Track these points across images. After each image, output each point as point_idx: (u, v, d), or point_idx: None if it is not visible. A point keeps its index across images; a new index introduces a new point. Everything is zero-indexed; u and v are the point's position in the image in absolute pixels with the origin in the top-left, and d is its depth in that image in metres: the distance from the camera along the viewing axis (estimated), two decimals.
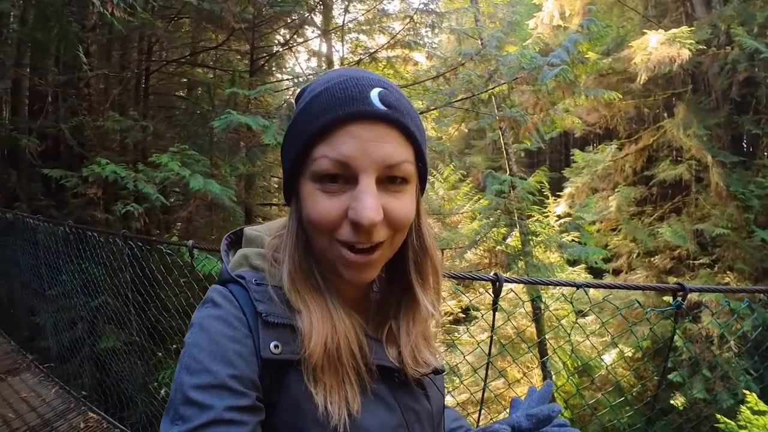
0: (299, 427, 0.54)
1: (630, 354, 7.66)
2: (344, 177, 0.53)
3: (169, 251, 3.16)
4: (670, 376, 6.63)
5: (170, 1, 7.23)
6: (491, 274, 1.96)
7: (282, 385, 0.55)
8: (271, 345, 0.54)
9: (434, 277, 0.67)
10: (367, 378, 0.59)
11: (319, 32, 8.14)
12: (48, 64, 6.21)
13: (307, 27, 7.60)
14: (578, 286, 2.09)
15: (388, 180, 0.55)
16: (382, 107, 0.53)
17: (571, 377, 8.37)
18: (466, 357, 3.91)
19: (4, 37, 6.45)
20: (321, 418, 0.53)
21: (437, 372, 0.68)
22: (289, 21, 7.00)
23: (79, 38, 5.69)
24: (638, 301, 2.22)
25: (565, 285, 2.06)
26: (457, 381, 9.85)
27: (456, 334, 10.16)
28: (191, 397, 0.48)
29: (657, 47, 6.60)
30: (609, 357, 8.16)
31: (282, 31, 7.49)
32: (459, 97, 6.94)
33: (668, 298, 6.81)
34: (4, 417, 3.33)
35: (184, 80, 8.43)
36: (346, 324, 0.59)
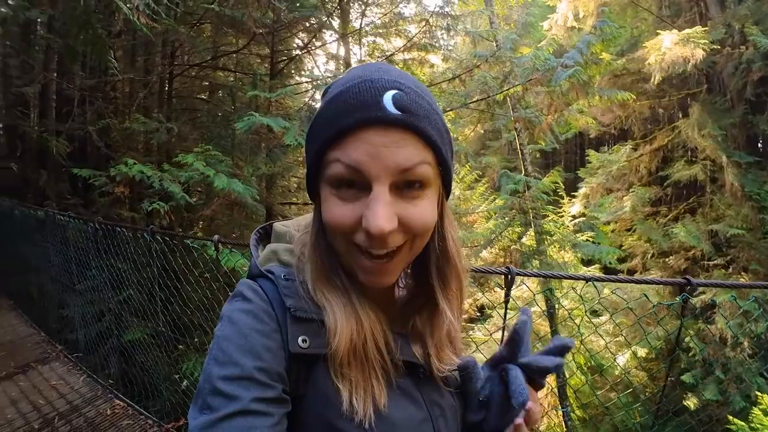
0: (327, 420, 0.54)
1: (644, 354, 7.58)
2: (359, 183, 0.53)
3: (194, 246, 3.25)
4: (683, 378, 6.57)
5: (192, 7, 7.38)
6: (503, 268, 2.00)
7: (310, 378, 0.56)
8: (299, 339, 0.55)
9: (456, 283, 0.65)
10: (393, 372, 0.60)
11: (337, 36, 8.21)
12: (75, 68, 6.36)
13: (325, 31, 7.70)
14: (588, 280, 2.13)
15: (406, 185, 0.54)
16: (395, 111, 0.51)
17: (583, 375, 8.33)
18: (482, 354, 3.91)
19: (33, 43, 6.64)
20: (347, 412, 0.53)
21: (463, 368, 0.68)
22: (307, 25, 7.09)
23: (106, 44, 5.83)
24: (646, 295, 2.22)
25: (575, 278, 2.11)
26: None
27: (471, 332, 10.17)
28: (219, 387, 0.49)
29: (671, 47, 6.56)
30: (623, 358, 8.08)
31: (301, 35, 7.57)
32: (474, 99, 6.96)
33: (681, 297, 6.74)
34: (35, 403, 3.49)
35: (207, 83, 8.58)
36: (372, 319, 0.59)
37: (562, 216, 9.15)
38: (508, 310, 2.13)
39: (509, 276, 1.91)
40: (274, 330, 0.55)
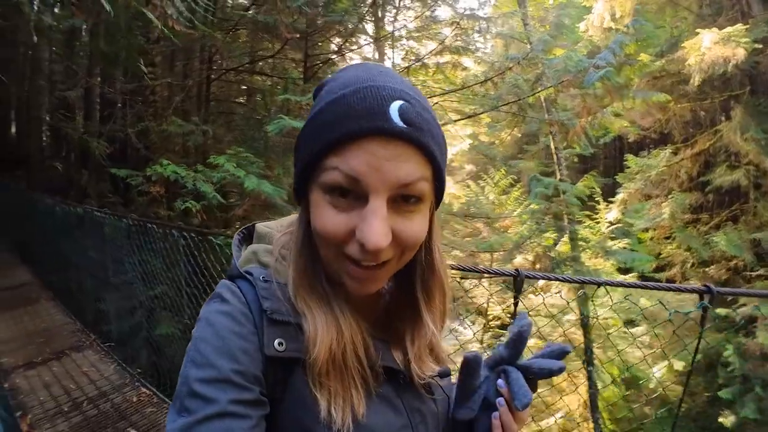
0: (304, 425, 0.54)
1: (681, 368, 7.26)
2: (355, 192, 0.51)
3: (219, 242, 3.34)
4: (720, 393, 6.26)
5: (229, 13, 7.64)
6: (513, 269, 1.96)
7: (287, 381, 0.56)
8: (275, 342, 0.54)
9: (440, 296, 0.65)
10: (372, 381, 0.59)
11: (370, 40, 8.29)
12: (116, 73, 6.67)
13: (359, 35, 7.80)
14: (599, 284, 2.08)
15: (402, 199, 0.53)
16: (401, 124, 0.50)
17: (616, 386, 8.07)
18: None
19: (77, 49, 7.01)
20: (324, 421, 0.53)
21: (443, 375, 0.67)
22: (341, 30, 7.18)
23: (144, 50, 6.12)
24: (661, 302, 2.15)
25: (589, 283, 2.06)
26: None
27: (501, 338, 10.02)
28: (196, 390, 0.48)
29: (710, 47, 6.31)
30: (659, 370, 7.76)
31: (336, 39, 7.68)
32: (505, 102, 6.90)
33: (723, 310, 6.44)
34: (66, 387, 3.67)
35: (244, 87, 8.83)
36: (353, 328, 0.58)
37: (599, 222, 8.91)
38: (539, 317, 2.09)
39: (518, 278, 1.87)
40: (251, 332, 0.54)
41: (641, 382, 8.02)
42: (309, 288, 0.58)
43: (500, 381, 0.65)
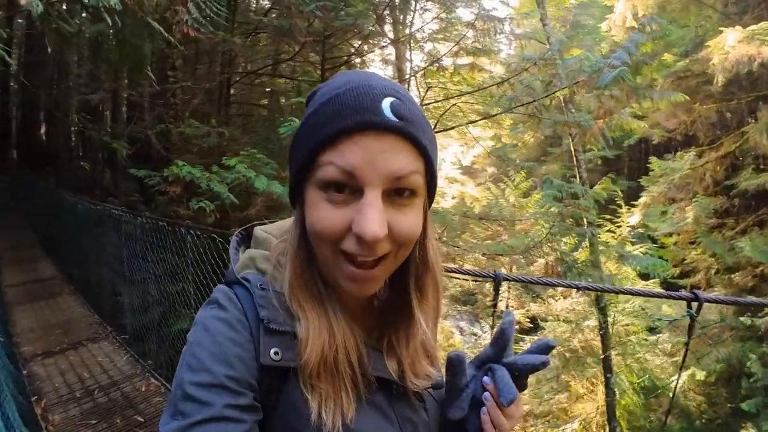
0: (294, 429, 0.55)
1: (702, 377, 7.06)
2: (350, 187, 0.52)
3: (221, 240, 3.48)
4: (742, 405, 6.08)
5: (249, 18, 7.88)
6: (492, 272, 1.99)
7: (281, 389, 0.56)
8: (272, 352, 0.55)
9: (434, 293, 0.66)
10: (363, 387, 0.59)
11: (387, 42, 8.39)
12: (140, 77, 6.96)
13: (378, 37, 7.91)
14: (579, 288, 2.07)
15: (396, 193, 0.54)
16: (393, 118, 0.51)
17: (635, 395, 7.91)
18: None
19: (103, 54, 7.35)
20: (315, 424, 0.54)
21: (438, 387, 0.68)
22: (357, 32, 7.28)
23: (165, 54, 6.38)
24: (643, 309, 2.16)
25: (565, 286, 2.07)
26: None
27: (521, 343, 9.95)
28: (191, 393, 0.49)
29: (734, 46, 6.15)
30: (679, 379, 7.56)
31: (355, 41, 7.80)
32: (520, 103, 6.88)
33: (746, 319, 6.24)
34: (80, 376, 3.90)
35: (266, 90, 9.05)
36: (346, 333, 0.59)
37: (620, 226, 8.75)
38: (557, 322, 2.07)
39: (497, 281, 1.89)
40: (248, 340, 0.55)
41: (660, 390, 7.86)
42: (305, 289, 0.59)
43: (486, 378, 0.66)
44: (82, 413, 3.38)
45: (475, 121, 7.73)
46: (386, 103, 0.52)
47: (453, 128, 7.84)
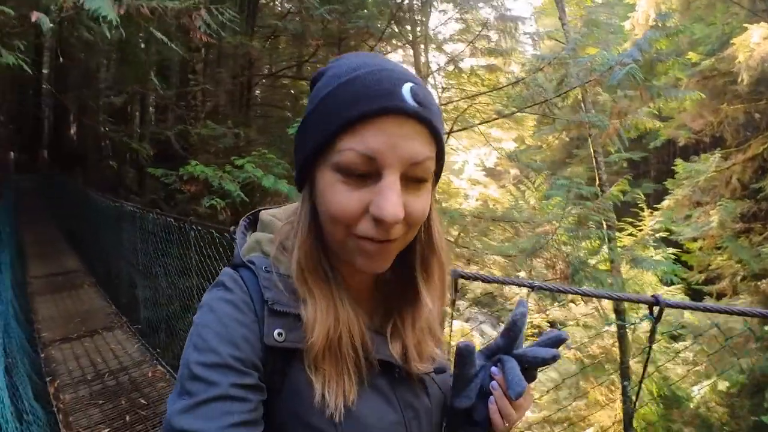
0: (298, 412, 0.56)
1: (724, 388, 6.88)
2: (369, 171, 0.53)
3: (218, 235, 3.70)
4: (763, 418, 5.90)
5: (268, 22, 8.20)
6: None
7: (285, 371, 0.57)
8: (275, 332, 0.56)
9: (440, 274, 0.67)
10: (366, 371, 0.60)
11: (404, 42, 8.55)
12: (161, 80, 7.36)
13: (394, 38, 8.10)
14: (533, 287, 2.04)
15: (410, 177, 0.55)
16: (414, 104, 0.52)
17: (655, 405, 7.76)
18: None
19: (129, 59, 7.81)
20: (318, 405, 0.55)
21: (440, 371, 0.69)
22: (371, 34, 7.44)
23: (185, 58, 6.76)
24: (609, 316, 2.24)
25: (518, 285, 2.09)
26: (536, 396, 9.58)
27: None
28: (198, 373, 0.50)
29: (759, 43, 6.01)
30: (701, 390, 7.38)
31: (370, 42, 7.96)
32: (531, 103, 6.92)
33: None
34: (93, 360, 4.19)
35: (290, 91, 9.37)
36: (350, 316, 0.60)
37: (642, 230, 8.61)
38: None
39: (455, 279, 1.93)
40: (253, 321, 0.56)
41: (683, 401, 7.68)
42: (314, 271, 0.60)
43: (495, 369, 0.67)
44: (91, 394, 3.64)
45: (487, 122, 7.78)
46: (407, 89, 0.53)
47: (465, 129, 7.91)
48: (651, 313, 1.80)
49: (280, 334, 0.56)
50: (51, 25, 2.69)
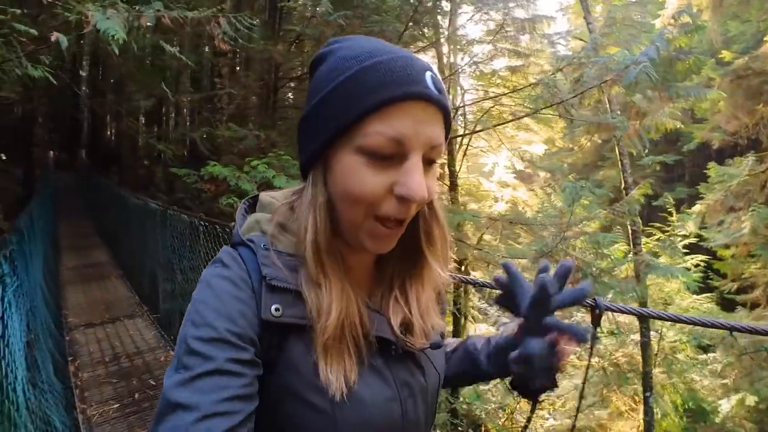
0: (294, 388, 0.57)
1: (752, 402, 6.68)
2: (394, 154, 0.55)
3: (221, 231, 4.03)
4: None
5: (292, 26, 8.60)
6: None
7: (282, 347, 0.58)
8: (272, 308, 0.57)
9: (442, 243, 0.69)
10: (365, 350, 0.61)
11: (425, 44, 8.75)
12: (190, 84, 7.90)
13: (418, 42, 8.34)
14: (474, 284, 2.11)
15: (426, 159, 0.57)
16: (435, 91, 0.56)
17: (678, 418, 7.62)
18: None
19: (158, 64, 8.39)
20: (320, 385, 0.56)
21: (436, 346, 0.69)
22: (387, 38, 7.70)
23: (212, 63, 7.24)
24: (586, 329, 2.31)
25: (472, 284, 2.20)
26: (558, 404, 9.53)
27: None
28: (194, 348, 0.51)
29: None
30: (728, 403, 7.18)
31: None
32: (548, 104, 6.98)
33: None
34: (112, 344, 4.62)
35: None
36: (351, 297, 0.61)
37: (671, 235, 8.46)
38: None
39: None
40: (250, 297, 0.57)
41: (708, 415, 7.49)
42: (331, 253, 0.61)
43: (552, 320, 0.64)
44: (107, 374, 4.04)
45: (500, 124, 7.88)
46: (428, 76, 0.56)
47: (483, 130, 8.04)
48: (592, 316, 1.81)
49: (277, 310, 0.57)
50: (66, 43, 3.08)
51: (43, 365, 3.41)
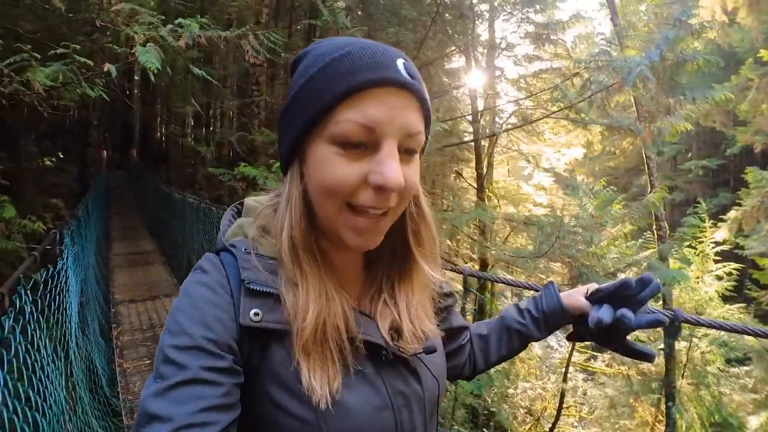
0: (276, 396, 0.57)
1: None
2: (367, 142, 0.55)
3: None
4: None
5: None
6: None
7: (263, 353, 0.58)
8: (251, 312, 0.57)
9: (431, 243, 0.70)
10: (350, 355, 0.60)
11: (452, 49, 9.43)
12: (232, 92, 9.13)
13: (446, 47, 9.08)
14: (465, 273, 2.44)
15: (404, 149, 0.57)
16: (408, 76, 0.56)
17: (703, 430, 7.77)
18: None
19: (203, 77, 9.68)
20: (303, 393, 0.55)
21: (430, 351, 0.68)
22: (403, 48, 8.46)
23: (248, 72, 8.38)
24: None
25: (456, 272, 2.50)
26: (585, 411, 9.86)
27: (592, 361, 10.16)
28: (170, 356, 0.52)
29: None
30: (757, 419, 7.27)
31: (413, 52, 8.97)
32: (560, 107, 7.48)
33: None
34: (150, 317, 5.60)
35: None
36: (335, 299, 0.61)
37: (703, 242, 8.61)
38: None
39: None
40: (227, 302, 0.57)
41: (736, 430, 7.54)
42: (306, 253, 0.61)
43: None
44: (143, 338, 5.00)
45: (516, 127, 8.40)
46: (400, 63, 0.57)
47: (494, 135, 8.58)
48: (670, 327, 1.79)
49: (256, 314, 0.57)
50: (115, 73, 4.13)
51: (91, 324, 4.50)
